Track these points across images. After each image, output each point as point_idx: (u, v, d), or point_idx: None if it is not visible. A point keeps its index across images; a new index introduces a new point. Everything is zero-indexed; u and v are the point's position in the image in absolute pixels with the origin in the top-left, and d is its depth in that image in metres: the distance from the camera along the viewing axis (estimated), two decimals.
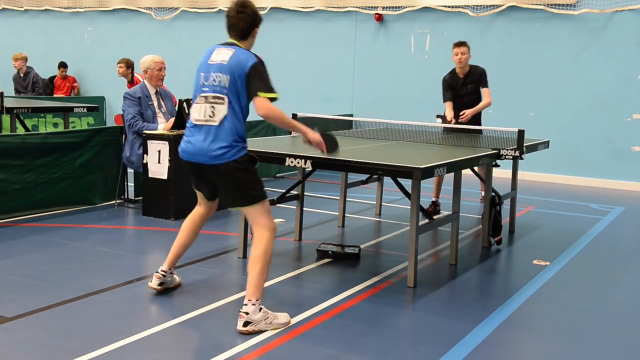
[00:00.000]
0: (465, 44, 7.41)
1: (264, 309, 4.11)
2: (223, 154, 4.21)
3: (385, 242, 6.43)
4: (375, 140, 6.54)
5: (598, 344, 4.22)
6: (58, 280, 4.91)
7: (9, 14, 15.48)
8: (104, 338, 3.86)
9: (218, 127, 4.20)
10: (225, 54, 4.29)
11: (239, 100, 4.22)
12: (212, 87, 4.24)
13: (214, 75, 4.24)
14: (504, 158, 5.88)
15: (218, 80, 4.22)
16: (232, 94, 4.20)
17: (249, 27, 4.39)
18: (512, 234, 6.90)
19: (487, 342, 4.09)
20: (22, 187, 6.68)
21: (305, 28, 12.44)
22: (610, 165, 10.26)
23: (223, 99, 4.20)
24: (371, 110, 11.36)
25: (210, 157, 4.22)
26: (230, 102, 4.20)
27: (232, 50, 4.30)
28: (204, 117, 4.25)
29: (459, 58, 7.38)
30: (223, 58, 4.26)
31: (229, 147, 4.22)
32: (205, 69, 4.30)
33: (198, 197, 4.69)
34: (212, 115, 4.22)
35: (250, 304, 4.07)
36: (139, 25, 13.93)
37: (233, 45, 4.36)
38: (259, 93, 4.16)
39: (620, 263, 6.07)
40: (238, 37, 4.40)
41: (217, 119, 4.21)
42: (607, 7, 10.07)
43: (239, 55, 4.26)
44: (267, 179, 9.58)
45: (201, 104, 4.27)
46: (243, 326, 4.02)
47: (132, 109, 7.23)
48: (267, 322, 4.10)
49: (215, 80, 4.23)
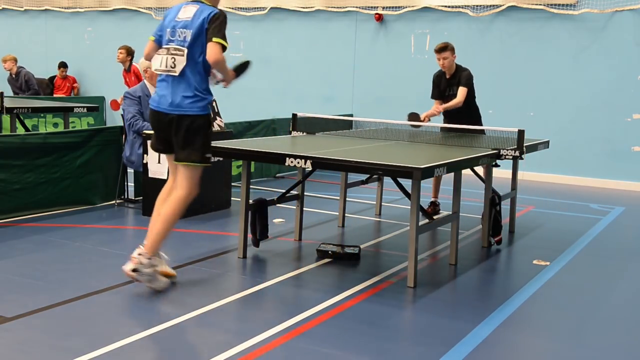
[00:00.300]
0: (445, 49, 7.23)
1: (154, 268, 4.53)
2: (187, 104, 4.58)
3: (385, 242, 6.43)
4: (375, 140, 6.54)
5: (598, 344, 4.22)
6: (58, 280, 4.91)
7: (9, 14, 15.48)
8: (104, 338, 3.86)
9: (178, 77, 4.58)
10: (190, 11, 4.65)
11: (200, 54, 4.57)
12: (177, 41, 4.61)
13: (179, 31, 4.62)
14: (504, 158, 5.88)
15: (183, 36, 4.60)
16: (192, 48, 4.56)
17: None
18: (512, 234, 6.90)
19: (487, 342, 4.09)
20: (22, 187, 6.68)
21: (305, 28, 12.44)
22: (610, 165, 10.26)
23: (182, 51, 4.57)
24: (371, 110, 11.36)
25: (174, 106, 4.60)
26: (189, 54, 4.56)
27: (196, 6, 4.66)
28: (165, 67, 4.62)
29: (442, 64, 7.29)
30: (188, 15, 4.63)
31: (192, 98, 4.58)
32: (172, 25, 4.66)
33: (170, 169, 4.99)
34: (173, 66, 4.58)
35: (146, 257, 4.50)
36: (139, 25, 13.92)
37: (198, 2, 4.71)
38: (213, 39, 4.48)
39: (620, 263, 6.07)
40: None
41: (177, 69, 4.58)
42: (607, 7, 10.07)
43: (202, 10, 4.62)
44: (267, 179, 9.59)
45: (163, 55, 4.64)
46: (132, 270, 4.47)
47: (132, 108, 7.23)
48: (149, 279, 4.54)
49: (180, 36, 4.60)
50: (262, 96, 12.68)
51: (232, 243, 6.02)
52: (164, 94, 4.64)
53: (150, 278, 4.57)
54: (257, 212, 5.76)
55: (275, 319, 4.27)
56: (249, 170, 5.61)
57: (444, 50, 7.24)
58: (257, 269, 5.46)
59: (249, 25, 12.82)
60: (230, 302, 4.57)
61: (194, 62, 4.58)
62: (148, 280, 4.57)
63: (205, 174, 7.05)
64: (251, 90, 12.75)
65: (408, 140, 6.57)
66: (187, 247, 5.94)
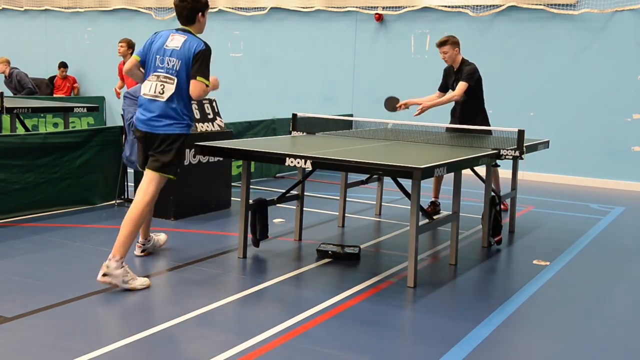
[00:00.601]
0: (445, 43, 7.25)
1: (125, 268, 4.73)
2: (167, 125, 4.96)
3: (385, 242, 6.43)
4: (375, 140, 6.54)
5: (598, 344, 4.22)
6: (58, 280, 4.91)
7: (9, 14, 15.48)
8: (104, 338, 3.86)
9: (165, 103, 4.94)
10: (179, 40, 4.96)
11: (186, 82, 4.92)
12: (166, 69, 4.94)
13: (167, 59, 4.93)
14: (504, 158, 5.88)
15: (172, 64, 4.92)
16: (180, 77, 4.92)
17: (191, 13, 5.01)
18: (512, 234, 6.90)
19: (487, 342, 4.09)
20: (22, 187, 6.68)
21: (305, 28, 12.44)
22: (610, 165, 10.26)
23: (172, 80, 4.92)
24: (371, 110, 11.35)
25: (155, 127, 4.98)
26: (178, 83, 4.92)
27: (184, 37, 4.97)
28: (153, 92, 4.96)
29: (443, 57, 7.34)
30: (176, 44, 4.94)
31: (173, 121, 4.97)
32: (162, 52, 4.96)
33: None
34: (162, 92, 4.94)
35: (113, 260, 4.71)
36: (139, 25, 13.92)
37: (185, 32, 5.02)
38: (197, 77, 4.86)
39: (620, 263, 6.07)
40: (186, 22, 5.06)
41: (166, 96, 4.93)
42: (607, 7, 10.07)
43: (190, 42, 4.93)
44: (267, 179, 9.59)
45: (153, 82, 4.96)
46: (102, 276, 4.67)
47: (132, 108, 7.23)
48: (125, 281, 4.71)
49: (169, 64, 4.93)
50: (262, 96, 12.68)
51: (232, 243, 6.02)
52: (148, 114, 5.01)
53: (124, 279, 4.72)
54: (257, 212, 5.76)
55: (275, 319, 4.27)
56: (249, 170, 5.61)
57: (444, 44, 7.27)
58: (257, 269, 5.46)
59: (249, 25, 12.82)
60: (230, 302, 4.57)
61: (180, 90, 4.94)
62: (122, 281, 4.71)
63: (206, 174, 7.07)
64: (251, 90, 12.76)
65: (408, 140, 6.57)
66: (187, 247, 5.94)
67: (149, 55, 5.02)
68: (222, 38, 12.99)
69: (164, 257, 5.71)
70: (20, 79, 12.76)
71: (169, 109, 4.94)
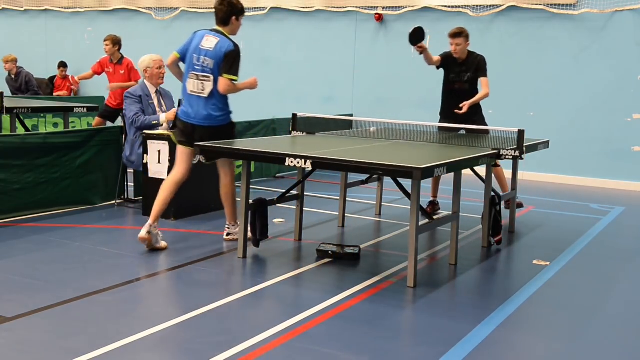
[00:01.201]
0: (460, 34, 7.13)
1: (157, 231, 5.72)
2: (213, 118, 5.72)
3: (385, 242, 6.43)
4: (375, 140, 6.54)
5: (598, 344, 4.22)
6: (58, 280, 4.91)
7: (9, 14, 15.48)
8: (104, 338, 3.86)
9: (207, 98, 5.69)
10: (212, 42, 5.65)
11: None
12: (202, 67, 5.66)
13: (203, 58, 5.65)
14: (504, 158, 5.88)
15: (206, 63, 5.64)
16: (215, 75, 5.64)
17: (226, 16, 5.71)
18: (512, 234, 6.90)
19: (487, 342, 4.09)
20: (22, 187, 6.68)
21: (305, 28, 12.44)
22: (610, 165, 10.25)
23: (209, 77, 5.66)
24: (371, 110, 11.37)
25: (201, 119, 5.72)
26: (214, 79, 5.65)
27: (217, 39, 5.66)
28: (197, 89, 5.70)
29: (454, 49, 7.18)
30: (210, 45, 5.64)
31: (219, 114, 5.73)
32: (197, 52, 5.67)
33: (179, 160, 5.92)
34: (203, 90, 5.67)
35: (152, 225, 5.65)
36: (139, 25, 13.93)
37: (218, 33, 5.71)
38: (224, 74, 5.60)
39: (620, 263, 6.07)
40: (221, 24, 5.75)
41: (206, 92, 5.67)
42: (607, 7, 10.07)
43: (222, 44, 5.63)
44: (267, 179, 9.59)
45: (194, 80, 5.71)
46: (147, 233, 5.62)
47: (133, 107, 7.25)
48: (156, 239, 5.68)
49: (204, 63, 5.65)
50: (262, 96, 12.64)
51: (232, 243, 6.02)
52: (194, 110, 5.73)
53: (157, 239, 5.71)
54: (257, 212, 5.76)
55: (275, 319, 4.27)
56: (249, 170, 5.61)
57: (459, 36, 7.14)
58: (257, 269, 5.46)
59: (249, 25, 12.78)
60: (230, 302, 4.57)
61: (216, 85, 5.64)
62: (156, 240, 5.67)
63: (206, 174, 7.06)
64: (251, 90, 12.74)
65: (408, 140, 6.57)
66: (187, 247, 5.94)
67: (188, 53, 5.72)
68: None
69: (164, 257, 5.71)
70: (29, 80, 12.79)
71: (210, 104, 5.68)
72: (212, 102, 5.69)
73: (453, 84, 7.33)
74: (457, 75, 7.29)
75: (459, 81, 7.29)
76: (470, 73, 7.26)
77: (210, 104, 5.69)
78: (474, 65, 7.24)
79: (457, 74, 7.29)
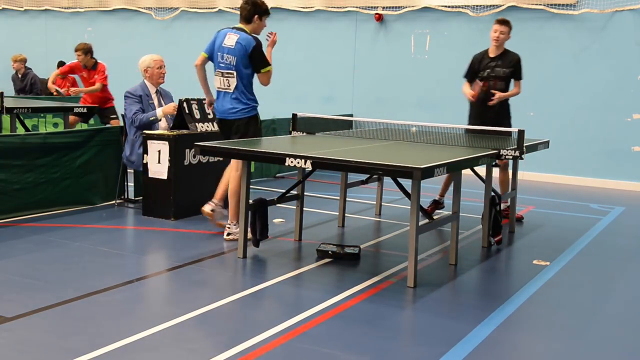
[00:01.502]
0: (507, 23, 6.91)
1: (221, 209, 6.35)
2: (236, 111, 6.06)
3: (385, 242, 6.43)
4: (375, 140, 6.54)
5: (598, 344, 4.22)
6: (58, 280, 4.91)
7: (9, 14, 15.48)
8: (104, 338, 3.86)
9: (232, 92, 6.04)
10: (233, 39, 5.97)
11: (244, 74, 5.99)
12: (226, 65, 6.00)
13: (226, 56, 5.99)
14: (504, 158, 5.88)
15: (229, 61, 5.98)
16: (238, 70, 5.98)
17: (250, 15, 6.01)
18: (512, 234, 6.90)
19: (487, 342, 4.09)
20: (22, 187, 6.68)
21: (305, 28, 12.44)
22: (610, 165, 10.25)
23: (233, 74, 6.00)
24: (371, 110, 11.37)
25: (228, 114, 6.08)
26: (238, 76, 5.99)
27: (237, 35, 5.97)
28: (223, 86, 6.07)
29: (497, 35, 6.88)
30: (231, 44, 5.96)
31: (241, 107, 6.06)
32: (221, 50, 6.01)
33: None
34: (229, 85, 6.03)
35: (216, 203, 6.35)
36: (139, 25, 13.93)
37: (239, 30, 6.01)
38: (261, 70, 6.01)
39: (620, 263, 6.07)
40: (244, 21, 6.06)
41: (232, 88, 6.03)
42: (607, 7, 10.07)
43: (241, 40, 5.93)
44: (267, 179, 9.59)
45: (219, 77, 6.07)
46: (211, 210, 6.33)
47: (133, 106, 7.25)
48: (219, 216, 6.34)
49: (227, 60, 5.99)
50: (262, 96, 12.65)
51: (232, 243, 6.02)
52: (220, 104, 6.12)
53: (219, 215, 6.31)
54: (257, 212, 5.76)
55: (275, 319, 4.27)
56: (249, 170, 5.61)
57: (505, 24, 6.93)
58: (257, 269, 5.46)
59: None
60: (230, 302, 4.57)
61: (240, 80, 5.99)
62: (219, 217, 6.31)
63: (206, 174, 7.06)
64: None
65: (408, 140, 6.57)
66: (187, 247, 5.94)
67: (214, 52, 6.05)
68: None
69: (164, 257, 5.72)
70: (35, 82, 12.84)
71: (233, 98, 6.03)
72: (235, 95, 6.02)
73: (486, 81, 7.01)
74: (492, 70, 6.97)
75: (495, 77, 6.97)
76: (503, 69, 6.98)
77: (234, 97, 6.02)
78: (511, 63, 6.99)
79: (492, 68, 6.98)
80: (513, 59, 7.02)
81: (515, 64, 7.03)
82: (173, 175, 6.82)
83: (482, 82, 7.00)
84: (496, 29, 6.93)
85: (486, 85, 6.94)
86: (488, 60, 7.01)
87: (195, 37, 13.36)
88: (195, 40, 13.38)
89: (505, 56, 7.03)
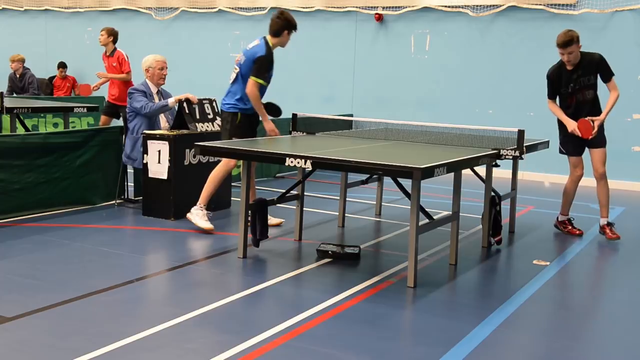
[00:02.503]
0: (571, 42, 6.16)
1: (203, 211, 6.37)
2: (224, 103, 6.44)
3: (385, 242, 6.43)
4: (375, 140, 6.54)
5: (598, 344, 4.22)
6: (58, 280, 4.91)
7: (9, 14, 15.48)
8: (104, 338, 3.86)
9: (230, 87, 6.42)
10: (253, 43, 6.37)
11: (245, 76, 6.27)
12: (238, 63, 6.40)
13: (239, 55, 6.46)
14: (504, 158, 5.88)
15: (239, 59, 6.41)
16: (241, 70, 6.32)
17: (280, 29, 6.38)
18: (512, 234, 6.90)
19: (487, 342, 4.09)
20: (22, 187, 6.68)
21: (305, 28, 12.35)
22: (610, 165, 10.20)
23: (236, 70, 6.36)
24: (371, 110, 11.36)
25: (222, 104, 6.50)
26: (239, 74, 6.34)
27: (257, 41, 6.35)
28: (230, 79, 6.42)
29: (567, 59, 6.28)
30: (250, 46, 6.37)
31: (227, 101, 6.41)
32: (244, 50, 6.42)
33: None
34: (230, 79, 6.42)
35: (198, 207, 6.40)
36: (139, 25, 13.92)
37: (262, 38, 6.35)
38: (251, 76, 6.20)
39: (621, 263, 6.07)
40: (272, 34, 6.39)
41: (230, 82, 6.39)
42: (607, 7, 10.07)
43: (257, 47, 6.30)
44: (267, 179, 9.59)
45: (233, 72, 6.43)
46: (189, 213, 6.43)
47: (140, 97, 7.27)
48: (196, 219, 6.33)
49: (239, 58, 6.44)
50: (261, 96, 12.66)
51: (232, 243, 6.02)
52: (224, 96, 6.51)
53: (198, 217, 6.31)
54: (257, 212, 5.76)
55: (275, 319, 4.27)
56: (249, 170, 5.61)
57: (569, 44, 6.18)
58: (257, 269, 5.46)
59: (249, 25, 12.81)
60: (230, 302, 4.57)
61: (242, 79, 6.32)
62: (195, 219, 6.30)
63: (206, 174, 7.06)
64: None
65: (408, 140, 6.57)
66: (187, 247, 5.94)
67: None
68: (222, 38, 13.00)
69: (164, 257, 5.72)
70: (32, 82, 12.82)
71: (229, 93, 6.40)
72: (230, 89, 6.41)
73: (573, 96, 6.51)
74: (575, 83, 6.42)
75: (582, 87, 6.45)
76: (587, 77, 6.43)
77: (229, 91, 6.42)
78: (594, 67, 6.41)
79: (575, 81, 6.42)
80: (593, 61, 6.39)
81: (598, 64, 6.40)
82: (173, 175, 6.82)
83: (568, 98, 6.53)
84: (562, 52, 6.29)
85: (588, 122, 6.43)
86: (568, 74, 6.42)
87: (195, 37, 13.39)
88: (195, 40, 13.43)
89: (584, 62, 6.39)
